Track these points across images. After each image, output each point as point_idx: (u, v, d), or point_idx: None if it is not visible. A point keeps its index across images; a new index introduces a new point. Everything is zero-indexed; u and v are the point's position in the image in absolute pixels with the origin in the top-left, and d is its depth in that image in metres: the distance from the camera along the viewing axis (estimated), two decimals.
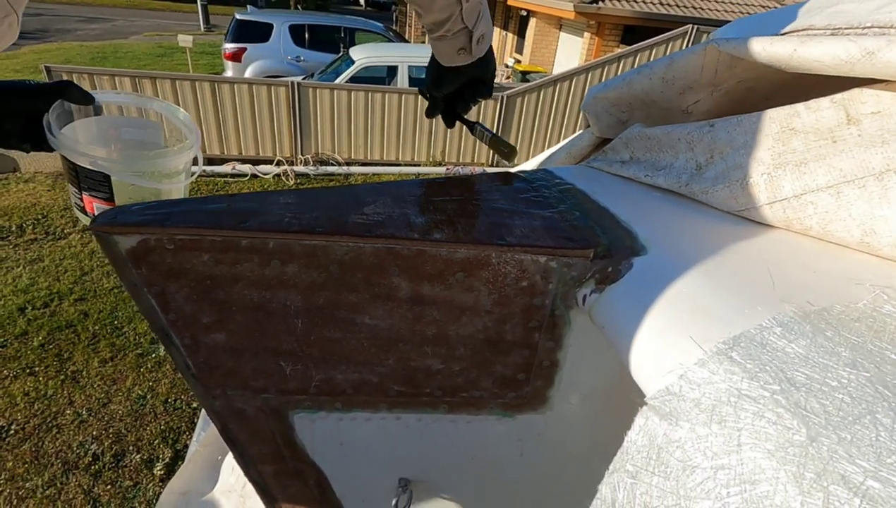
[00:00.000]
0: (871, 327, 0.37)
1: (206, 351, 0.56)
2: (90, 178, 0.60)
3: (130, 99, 0.72)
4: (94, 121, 0.68)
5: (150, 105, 0.71)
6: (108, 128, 0.70)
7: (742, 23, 0.79)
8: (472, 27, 0.66)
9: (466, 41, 0.67)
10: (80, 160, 0.59)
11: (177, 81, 5.24)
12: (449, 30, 0.66)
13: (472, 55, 0.70)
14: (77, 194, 0.62)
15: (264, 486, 0.71)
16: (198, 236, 0.49)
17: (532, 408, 0.65)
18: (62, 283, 3.55)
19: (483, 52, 0.71)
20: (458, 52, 0.69)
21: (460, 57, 0.69)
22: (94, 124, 0.68)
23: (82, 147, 0.59)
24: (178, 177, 0.65)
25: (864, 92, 0.48)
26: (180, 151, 0.64)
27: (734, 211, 0.57)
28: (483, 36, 0.69)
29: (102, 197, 0.61)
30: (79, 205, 0.63)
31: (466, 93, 0.77)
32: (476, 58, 0.71)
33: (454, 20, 0.64)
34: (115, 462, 2.37)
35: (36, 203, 4.66)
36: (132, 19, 17.73)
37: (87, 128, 0.68)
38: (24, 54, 11.03)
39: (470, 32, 0.67)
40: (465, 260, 0.53)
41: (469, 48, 0.68)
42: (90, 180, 0.60)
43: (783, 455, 0.29)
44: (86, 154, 0.58)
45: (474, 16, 0.66)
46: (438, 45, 0.69)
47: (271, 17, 8.45)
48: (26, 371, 2.81)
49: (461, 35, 0.67)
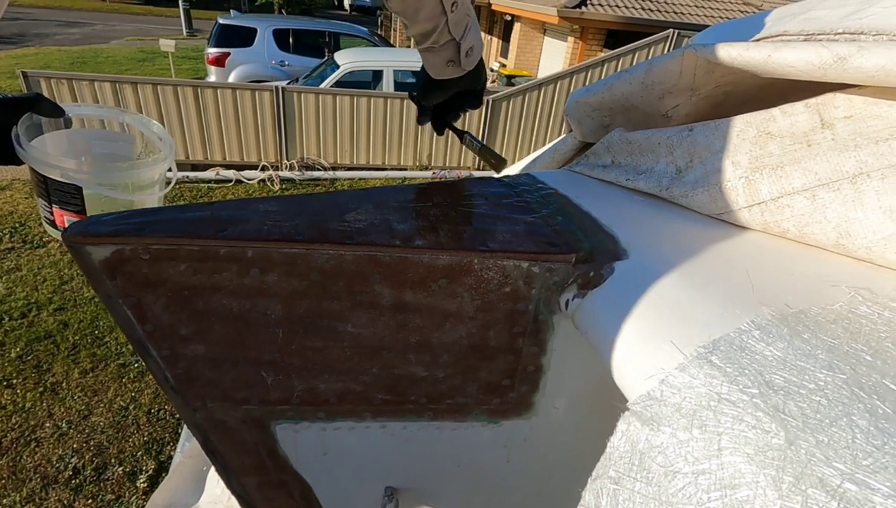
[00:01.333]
0: (846, 329, 0.37)
1: (185, 362, 0.55)
2: (61, 190, 0.58)
3: (102, 112, 0.70)
4: (65, 134, 0.67)
5: (122, 117, 0.70)
6: (79, 142, 0.69)
7: (719, 28, 0.81)
8: (459, 39, 0.65)
9: (455, 53, 0.66)
10: (51, 172, 0.57)
11: (159, 87, 5.17)
12: (436, 41, 0.64)
13: (462, 67, 0.69)
14: (47, 207, 0.61)
15: (248, 499, 0.70)
16: (174, 245, 0.48)
17: (517, 414, 0.65)
18: (41, 293, 3.47)
19: (473, 64, 0.70)
20: (447, 63, 0.68)
21: (450, 69, 0.68)
22: (65, 137, 0.67)
23: (53, 159, 0.58)
24: (151, 189, 0.64)
25: (838, 96, 0.49)
26: (154, 163, 0.63)
27: (714, 214, 0.58)
28: (472, 48, 0.68)
29: (74, 210, 0.59)
30: (48, 218, 0.61)
31: (456, 104, 0.76)
32: (465, 71, 0.70)
33: (440, 31, 0.63)
34: (97, 476, 2.31)
35: (13, 211, 4.55)
36: (113, 24, 17.48)
37: (57, 142, 0.66)
38: (0, 59, 10.81)
39: (458, 44, 0.65)
40: (448, 266, 0.53)
41: (458, 60, 0.67)
42: (60, 193, 0.59)
43: (762, 458, 0.29)
44: (57, 166, 0.57)
45: (461, 27, 0.64)
46: (427, 56, 0.68)
47: (255, 21, 8.39)
48: (3, 383, 2.74)
49: (449, 47, 0.66)
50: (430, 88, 0.72)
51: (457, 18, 0.63)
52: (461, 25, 0.64)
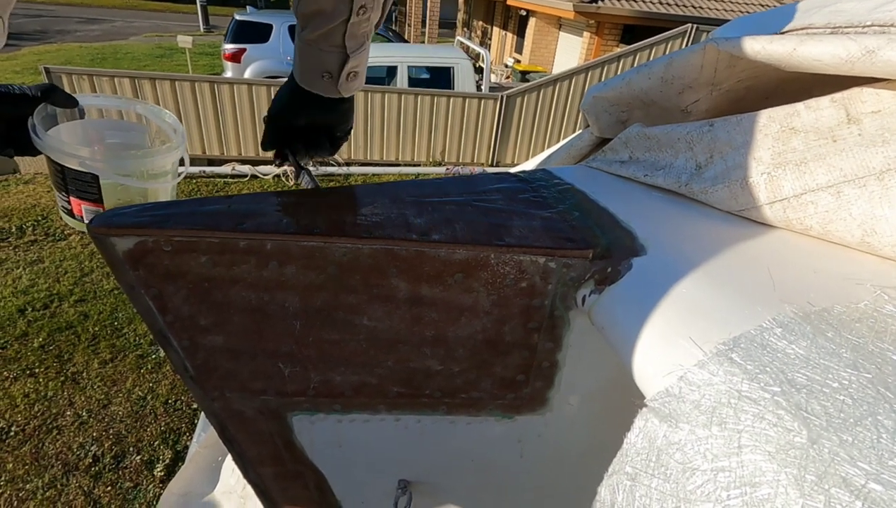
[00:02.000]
0: (872, 328, 0.37)
1: (204, 353, 0.56)
2: (78, 180, 0.59)
3: (114, 102, 0.71)
4: (79, 125, 0.68)
5: (134, 107, 0.71)
6: (93, 131, 0.70)
7: (741, 22, 0.79)
8: (349, 52, 0.57)
9: (337, 66, 0.58)
10: (68, 161, 0.58)
11: (176, 82, 5.24)
12: (325, 38, 0.56)
13: (337, 88, 0.60)
14: (64, 197, 0.62)
15: (263, 488, 0.71)
16: (195, 238, 0.49)
17: (531, 409, 0.65)
18: (62, 285, 3.55)
19: (350, 92, 0.61)
20: (323, 75, 0.59)
21: (323, 82, 0.59)
22: (79, 127, 0.68)
23: (69, 147, 0.59)
24: (164, 178, 0.65)
25: (865, 91, 0.47)
26: (167, 151, 0.63)
27: (734, 211, 0.57)
28: (356, 74, 0.60)
29: (91, 198, 0.60)
30: (66, 208, 0.62)
31: (311, 137, 0.65)
32: (339, 95, 0.61)
33: (335, 28, 0.55)
34: (116, 464, 2.36)
35: (36, 204, 4.66)
36: (131, 20, 17.73)
37: (71, 132, 0.67)
38: (23, 56, 11.04)
39: (345, 57, 0.58)
40: (464, 261, 0.53)
41: (336, 76, 0.59)
42: (78, 182, 0.59)
43: (784, 457, 0.29)
44: (73, 154, 0.58)
45: (357, 43, 0.57)
46: (305, 52, 0.58)
47: (271, 17, 8.44)
48: (26, 372, 2.81)
49: (335, 54, 0.57)
50: (292, 102, 0.62)
51: (357, 29, 0.56)
52: (357, 41, 0.57)
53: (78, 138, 0.68)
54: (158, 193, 0.65)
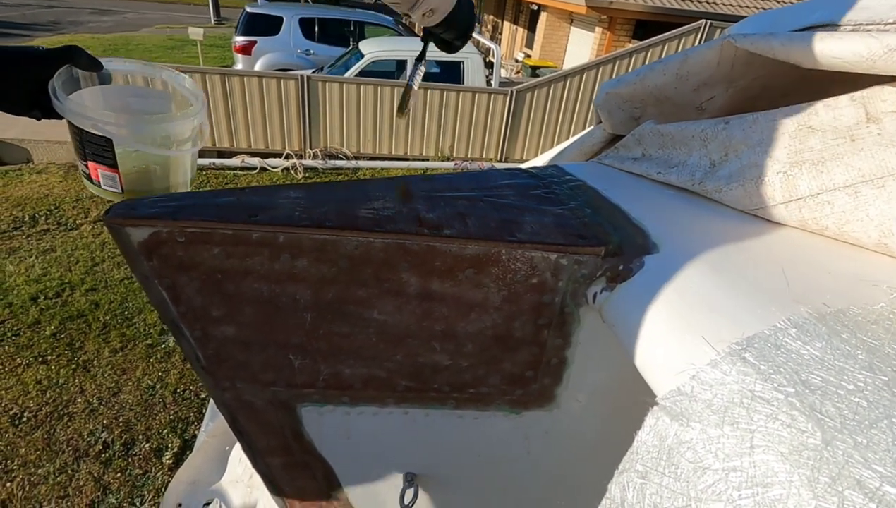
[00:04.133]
0: (888, 330, 0.36)
1: (215, 343, 0.57)
2: (93, 143, 0.59)
3: (137, 67, 0.70)
4: (101, 91, 0.68)
5: (157, 74, 0.70)
6: (115, 98, 0.69)
7: (759, 18, 0.78)
8: None
9: None
10: (85, 124, 0.58)
11: (187, 74, 5.26)
12: None
13: None
14: (83, 162, 0.61)
15: (272, 478, 0.71)
16: (209, 229, 0.49)
17: (539, 406, 0.65)
18: (74, 273, 3.59)
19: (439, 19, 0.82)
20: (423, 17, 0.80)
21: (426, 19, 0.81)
22: (101, 93, 0.68)
23: (89, 111, 0.58)
24: (185, 145, 0.65)
25: (885, 89, 0.47)
26: (186, 117, 0.63)
27: (748, 209, 0.56)
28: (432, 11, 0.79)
29: (107, 163, 0.60)
30: (85, 172, 0.63)
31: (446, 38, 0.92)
32: None
33: None
34: (125, 451, 2.40)
35: (48, 193, 4.71)
36: (143, 12, 17.81)
37: (93, 97, 0.67)
38: None
39: None
40: (475, 256, 0.53)
41: None
42: (93, 145, 0.59)
43: (797, 458, 0.29)
44: (90, 118, 0.58)
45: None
46: None
47: (281, 10, 8.44)
48: (38, 359, 2.85)
49: None
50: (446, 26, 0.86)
51: None
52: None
53: (99, 103, 0.68)
54: (179, 160, 0.65)
